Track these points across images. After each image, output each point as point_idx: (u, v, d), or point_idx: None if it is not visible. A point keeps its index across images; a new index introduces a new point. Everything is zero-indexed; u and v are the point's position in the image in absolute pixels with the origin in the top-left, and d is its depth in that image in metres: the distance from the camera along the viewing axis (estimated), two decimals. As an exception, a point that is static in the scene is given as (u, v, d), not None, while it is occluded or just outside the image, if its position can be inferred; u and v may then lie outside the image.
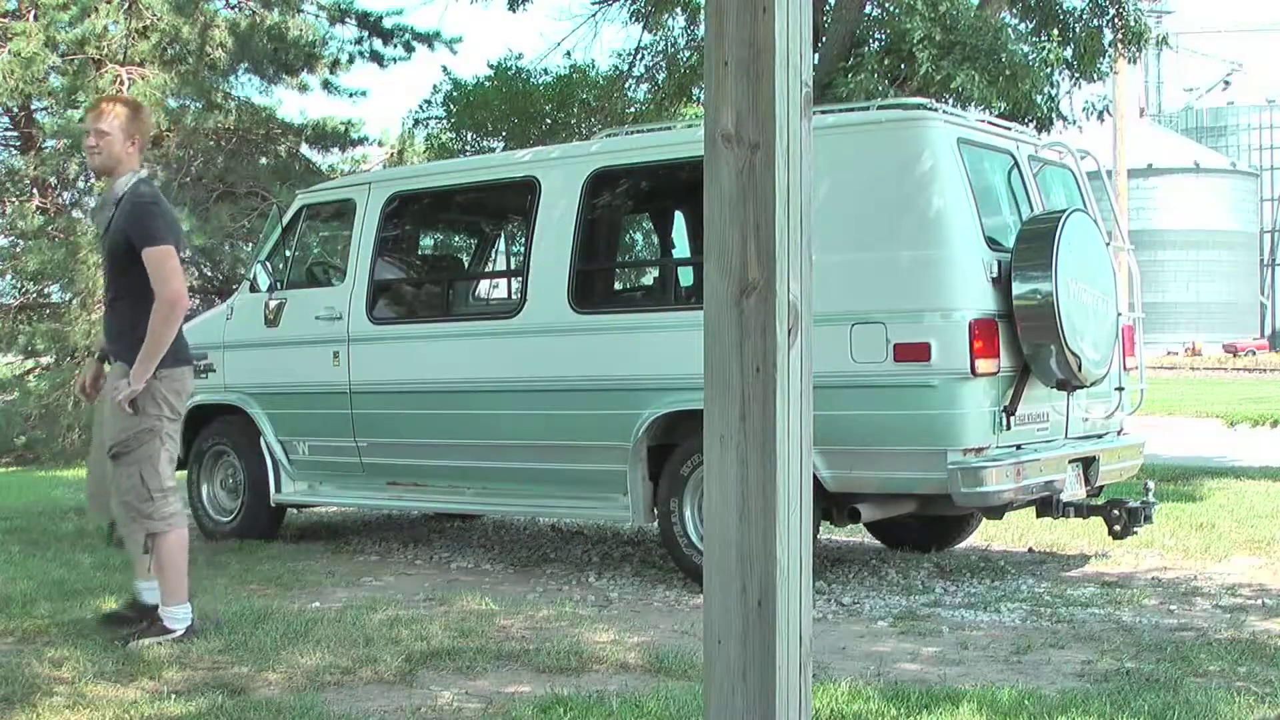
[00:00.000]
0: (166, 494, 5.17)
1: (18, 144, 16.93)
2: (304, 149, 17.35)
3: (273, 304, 7.80)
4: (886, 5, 12.18)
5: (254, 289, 7.98)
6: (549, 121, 15.82)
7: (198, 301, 17.50)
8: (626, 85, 15.65)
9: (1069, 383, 6.16)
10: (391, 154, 17.93)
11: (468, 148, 16.45)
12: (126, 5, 15.44)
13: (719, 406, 2.16)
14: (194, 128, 15.23)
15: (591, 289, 7.02)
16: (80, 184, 16.72)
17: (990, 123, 6.82)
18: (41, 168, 15.53)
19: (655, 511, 6.46)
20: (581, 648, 4.98)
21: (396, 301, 7.90)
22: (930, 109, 6.25)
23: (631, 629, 5.43)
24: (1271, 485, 10.01)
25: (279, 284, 7.85)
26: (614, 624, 5.53)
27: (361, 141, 17.82)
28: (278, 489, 7.78)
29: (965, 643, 5.11)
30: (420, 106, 17.20)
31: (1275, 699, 4.17)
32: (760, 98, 2.11)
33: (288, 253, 7.99)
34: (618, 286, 7.89)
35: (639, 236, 7.26)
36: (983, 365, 5.78)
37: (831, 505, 6.11)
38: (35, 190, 16.48)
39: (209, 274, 17.15)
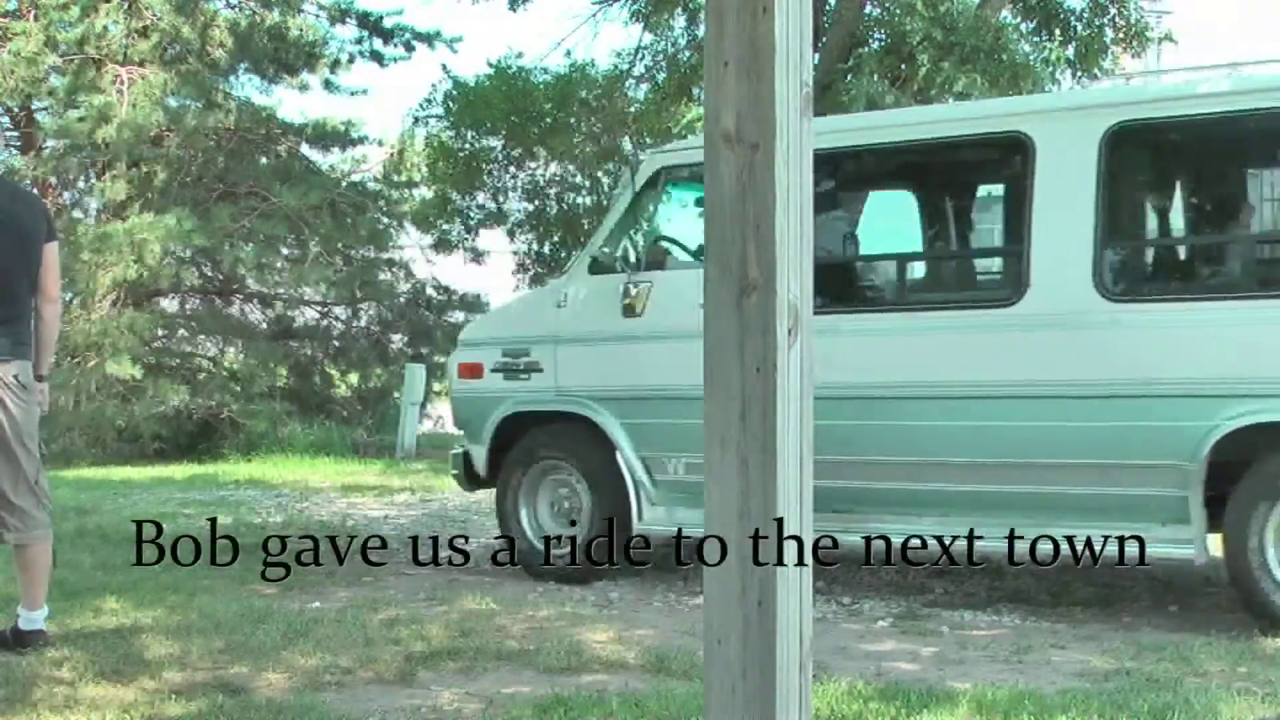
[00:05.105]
0: None
1: (18, 144, 16.92)
2: (304, 149, 17.34)
3: (634, 289, 6.44)
4: (886, 5, 12.21)
5: (596, 270, 6.66)
6: (549, 120, 15.85)
7: (198, 301, 17.53)
8: (627, 85, 15.69)
9: None
10: (392, 153, 17.93)
11: (467, 146, 16.47)
12: (126, 5, 15.44)
13: (719, 406, 2.16)
14: (194, 128, 15.22)
15: (1125, 270, 5.90)
16: (80, 184, 16.72)
17: None
18: (41, 168, 15.52)
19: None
20: (581, 647, 4.99)
21: (829, 286, 5.90)
22: None
23: (631, 629, 5.43)
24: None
25: (638, 264, 6.48)
26: (614, 624, 5.53)
27: (361, 141, 17.81)
28: (639, 516, 6.45)
29: (965, 643, 5.11)
30: (420, 105, 17.24)
31: (1275, 699, 4.17)
32: (760, 98, 2.11)
33: (645, 226, 6.66)
34: (1159, 266, 6.32)
35: (1173, 205, 6.45)
36: None
37: None
38: (35, 190, 16.48)
39: (209, 274, 17.13)
